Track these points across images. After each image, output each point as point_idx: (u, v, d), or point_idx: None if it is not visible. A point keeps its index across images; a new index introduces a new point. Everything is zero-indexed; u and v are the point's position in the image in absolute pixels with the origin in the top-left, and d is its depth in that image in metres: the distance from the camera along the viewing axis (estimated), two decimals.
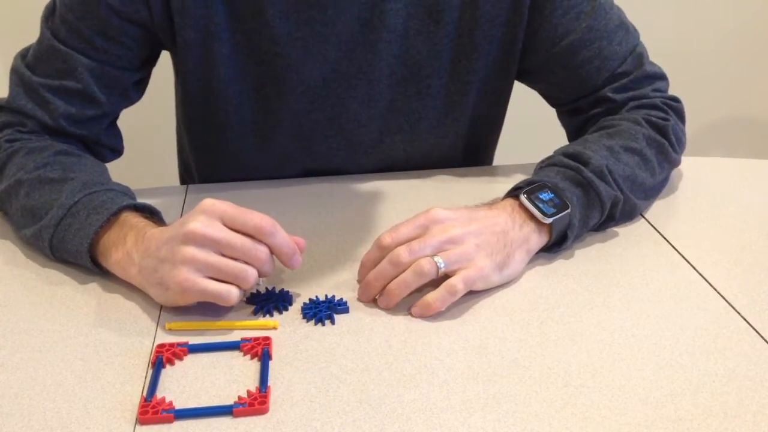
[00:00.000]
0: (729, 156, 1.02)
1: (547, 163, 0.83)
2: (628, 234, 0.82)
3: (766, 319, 0.68)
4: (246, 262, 0.66)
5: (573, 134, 0.96)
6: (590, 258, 0.78)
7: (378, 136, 0.94)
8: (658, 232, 0.83)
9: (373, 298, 0.70)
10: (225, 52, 0.86)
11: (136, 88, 0.90)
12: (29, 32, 0.88)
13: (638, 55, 0.90)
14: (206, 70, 0.87)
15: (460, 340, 0.65)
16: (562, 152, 0.83)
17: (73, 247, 0.73)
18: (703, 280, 0.74)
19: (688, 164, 0.95)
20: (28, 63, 0.85)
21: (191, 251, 0.65)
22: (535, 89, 0.97)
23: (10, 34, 1.62)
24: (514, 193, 0.78)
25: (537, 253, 0.77)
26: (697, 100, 2.00)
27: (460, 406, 0.58)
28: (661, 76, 0.93)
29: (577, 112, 0.94)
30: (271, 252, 0.68)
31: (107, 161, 0.91)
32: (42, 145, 0.82)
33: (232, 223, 0.66)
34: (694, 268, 0.76)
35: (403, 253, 0.69)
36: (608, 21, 0.88)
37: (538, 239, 0.75)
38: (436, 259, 0.68)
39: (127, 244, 0.70)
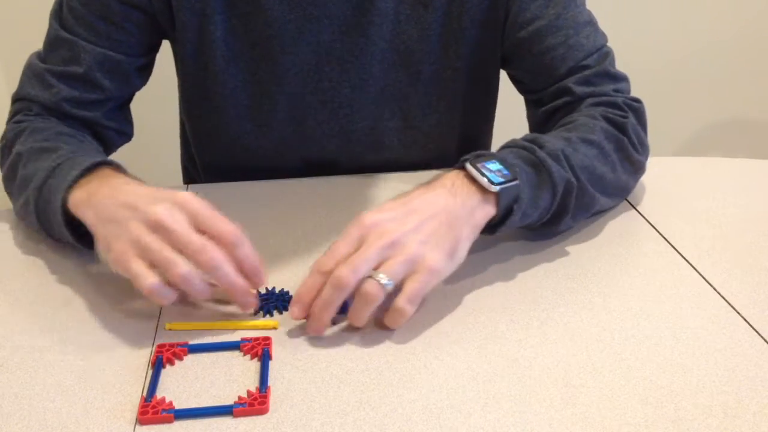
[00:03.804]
0: (729, 156, 1.02)
1: (502, 147, 0.79)
2: (628, 234, 0.82)
3: (766, 319, 0.68)
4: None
5: (534, 128, 0.95)
6: (590, 258, 0.78)
7: (371, 122, 0.95)
8: (658, 232, 0.83)
9: (326, 328, 0.65)
10: (220, 35, 0.88)
11: (139, 75, 0.92)
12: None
13: (605, 53, 0.90)
14: (202, 54, 0.90)
15: (460, 340, 0.65)
16: (520, 138, 0.80)
17: (53, 206, 0.72)
18: (703, 280, 0.74)
19: (688, 164, 0.95)
20: (39, 55, 0.90)
21: (141, 232, 0.63)
22: (510, 78, 0.97)
23: (10, 34, 1.63)
24: (457, 166, 0.73)
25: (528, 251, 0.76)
26: (698, 100, 2.02)
27: (460, 406, 0.58)
28: (624, 78, 0.91)
29: (539, 104, 0.93)
30: (237, 265, 0.64)
31: (116, 144, 0.94)
32: (46, 125, 0.85)
33: (198, 223, 0.64)
34: (694, 268, 0.76)
35: (344, 273, 0.63)
36: (578, 14, 0.88)
37: (483, 213, 0.69)
38: (379, 277, 0.63)
39: (92, 185, 0.70)
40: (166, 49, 0.95)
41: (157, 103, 1.28)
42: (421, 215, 0.67)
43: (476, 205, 0.69)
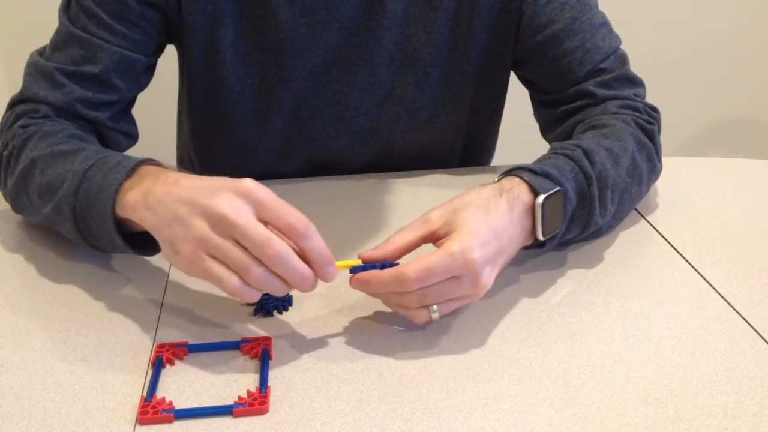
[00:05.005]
0: (729, 156, 1.02)
1: (556, 150, 0.77)
2: (628, 234, 0.82)
3: (766, 319, 0.68)
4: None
5: (547, 126, 0.94)
6: (590, 258, 0.78)
7: (377, 124, 0.95)
8: (658, 232, 0.83)
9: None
10: (230, 38, 0.88)
11: (147, 74, 0.91)
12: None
13: (621, 56, 0.90)
14: (211, 57, 0.89)
15: (460, 340, 0.65)
16: (575, 144, 0.77)
17: (98, 212, 0.69)
18: (703, 280, 0.74)
19: (688, 164, 0.95)
20: (43, 53, 0.86)
21: (205, 231, 0.59)
22: (519, 78, 0.97)
23: (10, 34, 1.63)
24: (524, 177, 0.70)
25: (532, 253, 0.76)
26: (698, 100, 2.02)
27: (460, 406, 0.58)
28: (642, 83, 0.91)
29: (555, 105, 0.92)
30: (304, 258, 0.60)
31: (123, 148, 0.90)
32: (56, 128, 0.81)
33: (264, 214, 0.60)
34: (694, 268, 0.76)
35: (414, 302, 0.64)
36: (592, 16, 0.88)
37: (523, 244, 0.71)
38: (433, 309, 0.64)
39: (144, 185, 0.66)
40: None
41: (154, 105, 1.28)
42: (502, 257, 0.66)
43: (524, 241, 0.71)
